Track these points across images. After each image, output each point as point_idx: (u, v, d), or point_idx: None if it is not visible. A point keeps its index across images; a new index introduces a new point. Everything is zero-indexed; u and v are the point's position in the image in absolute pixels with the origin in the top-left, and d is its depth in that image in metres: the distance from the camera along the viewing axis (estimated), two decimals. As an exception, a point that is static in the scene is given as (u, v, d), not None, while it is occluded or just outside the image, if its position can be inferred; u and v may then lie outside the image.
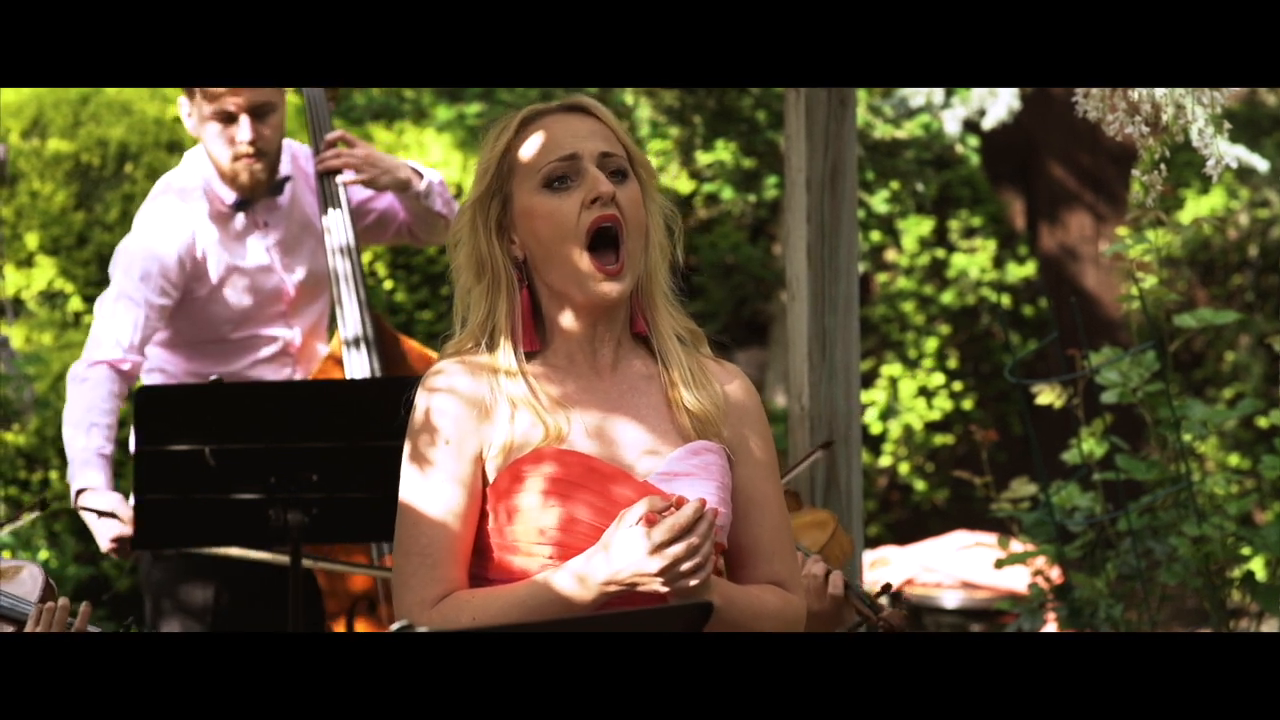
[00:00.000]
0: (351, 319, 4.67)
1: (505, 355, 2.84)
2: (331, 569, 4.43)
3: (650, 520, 2.70)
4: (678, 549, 2.68)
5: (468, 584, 2.81)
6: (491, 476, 2.81)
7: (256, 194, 4.62)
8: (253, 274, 4.65)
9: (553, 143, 2.84)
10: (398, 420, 2.88)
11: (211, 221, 4.61)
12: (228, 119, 4.52)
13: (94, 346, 4.50)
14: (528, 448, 2.80)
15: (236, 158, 4.55)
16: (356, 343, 4.68)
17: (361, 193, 4.76)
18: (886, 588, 3.76)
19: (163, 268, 4.53)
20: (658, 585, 2.70)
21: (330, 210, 4.69)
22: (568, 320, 2.86)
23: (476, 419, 2.81)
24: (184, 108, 4.59)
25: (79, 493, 4.36)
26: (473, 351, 2.86)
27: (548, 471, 2.78)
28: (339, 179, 4.69)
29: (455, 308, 2.93)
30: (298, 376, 4.72)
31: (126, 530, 4.26)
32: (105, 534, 4.34)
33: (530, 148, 2.85)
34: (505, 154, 2.87)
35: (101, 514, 4.30)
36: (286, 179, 4.68)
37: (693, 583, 2.70)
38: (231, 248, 4.63)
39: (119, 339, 4.49)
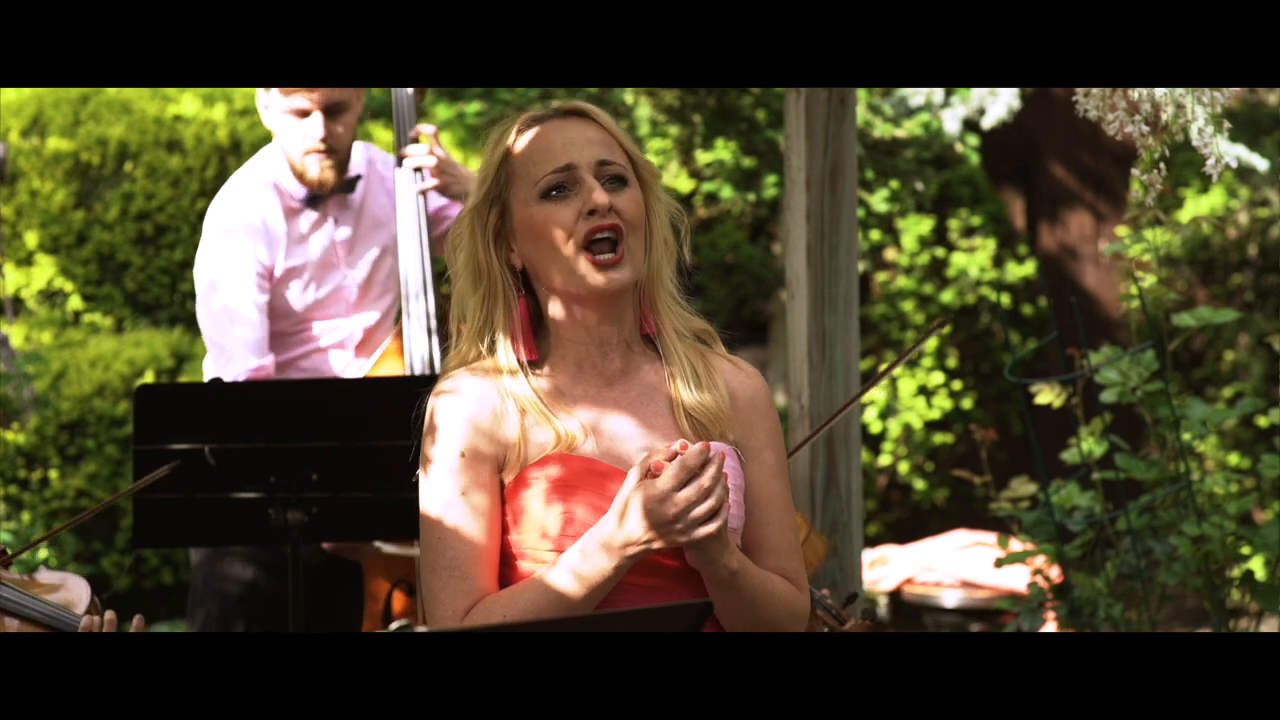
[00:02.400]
0: (415, 354, 4.67)
1: (508, 362, 2.83)
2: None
3: (658, 469, 2.69)
4: (688, 492, 2.67)
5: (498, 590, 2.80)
6: (507, 482, 2.80)
7: (326, 190, 4.69)
8: (317, 269, 4.71)
9: (550, 152, 2.83)
10: (398, 420, 2.87)
11: (282, 215, 4.68)
12: (302, 114, 4.60)
13: (228, 362, 4.55)
14: (540, 454, 2.79)
15: (307, 152, 4.63)
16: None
17: (437, 200, 4.80)
18: (852, 597, 3.75)
19: (257, 264, 4.61)
20: (675, 537, 2.68)
21: (404, 205, 4.72)
22: (573, 325, 2.85)
23: (490, 428, 2.80)
24: (261, 99, 4.67)
25: None
26: (477, 359, 2.86)
27: (551, 474, 2.78)
28: (416, 186, 4.72)
29: (453, 312, 2.92)
30: (358, 363, 4.75)
31: None
32: None
33: (528, 157, 2.85)
34: (504, 161, 2.87)
35: None
36: (357, 178, 4.74)
37: (708, 529, 2.68)
38: (299, 242, 4.70)
39: (247, 344, 4.56)
